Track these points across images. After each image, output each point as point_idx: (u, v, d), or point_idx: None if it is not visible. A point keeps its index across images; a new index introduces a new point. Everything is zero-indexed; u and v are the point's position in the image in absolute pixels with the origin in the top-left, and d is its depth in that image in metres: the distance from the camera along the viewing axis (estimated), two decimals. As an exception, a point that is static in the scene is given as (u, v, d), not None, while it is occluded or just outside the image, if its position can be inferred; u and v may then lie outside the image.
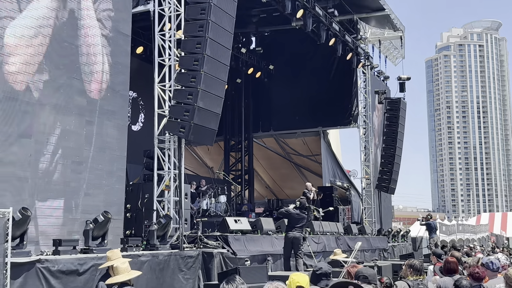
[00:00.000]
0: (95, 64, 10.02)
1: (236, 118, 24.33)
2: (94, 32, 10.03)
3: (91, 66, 9.92)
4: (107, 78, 10.28)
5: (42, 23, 8.87)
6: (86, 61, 9.83)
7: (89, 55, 9.90)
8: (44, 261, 7.45)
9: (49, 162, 8.88)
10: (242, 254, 11.93)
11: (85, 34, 9.85)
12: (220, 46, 11.72)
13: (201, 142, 13.49)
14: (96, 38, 10.06)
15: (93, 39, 10.02)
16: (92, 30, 9.99)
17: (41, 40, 8.82)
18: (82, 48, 9.78)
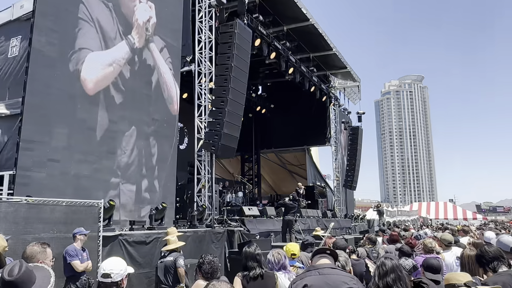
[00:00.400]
0: (171, 94, 10.46)
1: (249, 140, 24.32)
2: (168, 74, 10.41)
3: (170, 97, 10.36)
4: (162, 113, 10.34)
5: (117, 61, 9.03)
6: (168, 95, 10.18)
7: (168, 91, 10.26)
8: (124, 235, 7.54)
9: (127, 169, 8.97)
10: (253, 231, 11.90)
11: (163, 77, 10.21)
12: (238, 92, 11.78)
13: (225, 156, 13.54)
14: (169, 78, 10.44)
15: (169, 78, 10.38)
16: (167, 74, 10.42)
17: (114, 70, 8.91)
18: (163, 86, 10.14)
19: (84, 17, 8.22)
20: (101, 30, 8.60)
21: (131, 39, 9.35)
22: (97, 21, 8.50)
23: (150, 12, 9.99)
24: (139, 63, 9.56)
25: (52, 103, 7.49)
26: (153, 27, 10.04)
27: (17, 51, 12.35)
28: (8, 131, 9.27)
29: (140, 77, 9.60)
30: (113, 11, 8.96)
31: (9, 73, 12.28)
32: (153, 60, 9.96)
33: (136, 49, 9.50)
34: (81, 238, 5.79)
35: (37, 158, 7.08)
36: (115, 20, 9.00)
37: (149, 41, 9.89)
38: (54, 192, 7.11)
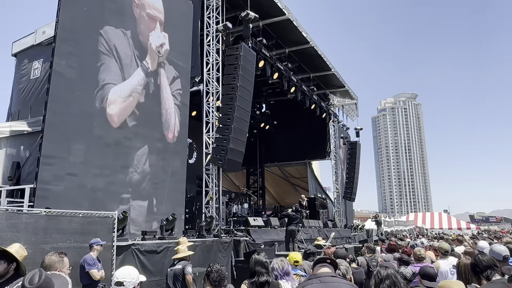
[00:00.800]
0: (170, 122, 10.25)
1: (254, 155, 24.28)
2: (170, 101, 10.27)
3: (168, 123, 10.16)
4: (176, 131, 10.42)
5: (135, 89, 9.15)
6: (165, 120, 10.06)
7: (167, 116, 10.11)
8: (136, 244, 7.51)
9: (138, 186, 8.98)
10: (258, 240, 11.80)
11: (165, 103, 10.09)
12: (243, 110, 11.80)
13: (232, 169, 13.53)
14: (171, 106, 10.29)
15: (170, 106, 10.25)
16: (169, 100, 10.25)
17: (133, 99, 9.05)
18: (163, 111, 10.00)
19: (104, 50, 8.37)
20: (119, 58, 8.72)
21: (145, 64, 9.48)
22: (115, 49, 8.63)
23: (163, 39, 10.15)
24: (153, 86, 9.69)
25: (70, 121, 7.55)
26: (166, 53, 10.17)
27: (39, 73, 12.55)
28: (29, 147, 9.36)
29: (153, 97, 9.68)
30: (130, 38, 9.10)
31: (31, 93, 12.47)
32: (160, 83, 10.01)
33: (150, 72, 9.62)
34: (97, 248, 5.79)
35: (56, 172, 7.12)
36: (132, 47, 9.13)
37: (161, 65, 9.99)
38: (72, 204, 7.12)
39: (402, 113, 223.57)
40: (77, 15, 7.92)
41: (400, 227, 34.30)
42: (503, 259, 3.97)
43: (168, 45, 10.25)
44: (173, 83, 10.32)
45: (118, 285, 2.71)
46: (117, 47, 8.69)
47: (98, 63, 8.21)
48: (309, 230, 16.02)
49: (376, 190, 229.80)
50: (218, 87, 12.09)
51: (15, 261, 3.13)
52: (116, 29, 8.73)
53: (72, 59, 7.73)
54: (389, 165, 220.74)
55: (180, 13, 10.99)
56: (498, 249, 4.11)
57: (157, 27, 9.98)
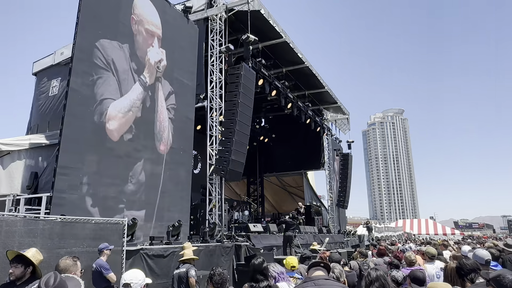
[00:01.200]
0: (163, 134, 9.95)
1: (254, 165, 24.24)
2: (164, 115, 9.98)
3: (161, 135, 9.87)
4: (177, 143, 10.29)
5: (135, 104, 8.87)
6: (158, 131, 9.78)
7: (160, 128, 9.81)
8: (144, 249, 7.46)
9: (148, 192, 8.94)
10: (258, 245, 11.70)
11: (159, 116, 9.76)
12: (244, 124, 11.82)
13: (233, 179, 13.44)
14: (165, 119, 9.98)
15: (164, 119, 9.95)
16: (164, 114, 9.97)
17: (132, 113, 8.78)
18: (156, 123, 9.69)
19: (100, 63, 8.04)
20: (116, 72, 8.42)
21: (143, 78, 9.23)
22: (112, 63, 8.31)
23: (161, 55, 9.96)
24: (149, 99, 9.41)
25: (85, 135, 7.56)
26: (164, 68, 9.98)
27: (57, 90, 12.64)
28: (47, 158, 9.36)
29: (150, 110, 9.41)
30: (128, 53, 8.86)
31: (50, 109, 12.54)
32: (157, 96, 9.74)
33: (148, 86, 9.39)
34: (107, 253, 5.75)
35: (71, 182, 7.10)
36: (128, 61, 8.85)
37: (158, 80, 9.76)
38: (85, 211, 7.10)
39: (390, 127, 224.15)
40: (93, 37, 8.00)
41: (389, 233, 34.09)
42: (486, 263, 3.95)
43: (165, 61, 10.05)
44: (168, 98, 10.13)
45: (125, 287, 2.70)
46: (115, 61, 8.40)
47: (94, 77, 7.87)
48: (305, 235, 15.91)
49: (367, 198, 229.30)
50: (221, 103, 12.14)
51: (31, 264, 3.11)
52: (111, 41, 8.43)
53: (87, 77, 7.77)
54: (379, 175, 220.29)
55: (186, 35, 11.09)
56: (480, 253, 4.09)
57: (155, 42, 9.79)
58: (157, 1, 9.94)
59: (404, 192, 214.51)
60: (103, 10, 8.25)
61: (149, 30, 9.62)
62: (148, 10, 9.65)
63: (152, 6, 9.75)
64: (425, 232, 39.96)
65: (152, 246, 7.85)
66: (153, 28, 9.77)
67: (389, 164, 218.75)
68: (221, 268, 3.49)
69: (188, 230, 10.23)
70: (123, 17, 8.82)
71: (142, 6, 9.45)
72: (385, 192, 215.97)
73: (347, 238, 22.25)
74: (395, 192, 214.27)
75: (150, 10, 9.72)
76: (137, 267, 6.93)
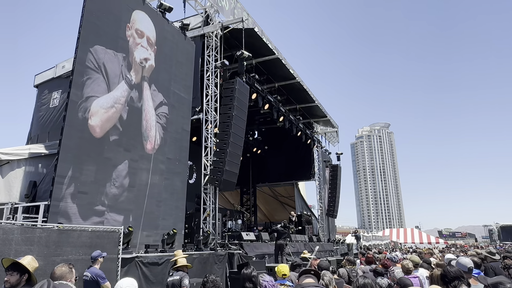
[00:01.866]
0: (150, 133, 9.54)
1: (247, 176, 24.18)
2: (152, 114, 9.50)
3: (147, 133, 9.47)
4: (173, 153, 10.21)
5: (118, 101, 8.41)
6: (145, 130, 9.47)
7: (147, 127, 9.28)
8: (140, 257, 7.33)
9: (144, 201, 8.83)
10: (250, 253, 11.59)
11: (146, 115, 9.24)
12: (238, 136, 11.84)
13: (227, 189, 13.39)
14: (151, 118, 9.47)
15: (151, 118, 9.48)
16: (151, 113, 9.51)
17: (116, 110, 8.33)
18: (143, 121, 9.16)
19: (91, 65, 7.78)
20: (106, 75, 8.12)
21: (129, 76, 8.80)
22: (103, 66, 8.05)
23: (148, 55, 9.54)
24: (136, 98, 9.03)
25: (83, 145, 7.46)
26: (151, 68, 9.57)
27: (57, 102, 12.57)
28: (46, 167, 9.25)
29: (136, 110, 8.98)
30: (121, 59, 8.65)
31: (50, 120, 12.45)
32: (143, 96, 9.28)
33: (134, 84, 8.96)
34: (101, 261, 5.46)
35: (69, 191, 6.98)
36: (121, 66, 8.62)
37: (144, 79, 9.31)
38: (82, 220, 6.97)
39: (377, 140, 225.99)
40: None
41: (377, 241, 33.98)
42: (468, 270, 3.94)
43: (153, 62, 9.68)
44: (160, 107, 9.83)
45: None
46: (106, 64, 8.13)
47: (84, 78, 7.63)
48: (296, 244, 15.80)
49: (355, 208, 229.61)
50: (216, 116, 12.14)
51: (27, 272, 3.03)
52: (106, 49, 8.22)
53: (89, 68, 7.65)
54: (367, 186, 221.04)
55: (184, 51, 11.14)
56: (463, 261, 4.08)
57: (143, 42, 9.44)
58: (156, 18, 10.00)
59: (390, 202, 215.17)
60: (104, 25, 8.26)
61: (139, 30, 9.33)
62: (145, 22, 9.64)
63: (149, 20, 9.76)
64: (411, 241, 39.98)
65: (147, 254, 7.72)
66: (143, 29, 9.46)
67: (376, 175, 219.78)
68: (214, 275, 3.43)
69: (182, 239, 10.08)
70: (122, 32, 8.84)
71: (140, 20, 9.45)
72: (373, 202, 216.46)
73: (337, 246, 22.14)
74: (382, 202, 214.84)
75: (147, 22, 9.71)
76: (132, 274, 6.80)
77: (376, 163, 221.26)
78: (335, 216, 24.46)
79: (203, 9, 12.78)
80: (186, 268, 6.00)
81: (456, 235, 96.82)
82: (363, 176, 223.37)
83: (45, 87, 13.50)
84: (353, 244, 25.35)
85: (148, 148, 9.19)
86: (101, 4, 8.25)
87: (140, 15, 9.48)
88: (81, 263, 5.45)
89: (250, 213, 24.18)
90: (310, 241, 18.40)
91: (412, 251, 13.48)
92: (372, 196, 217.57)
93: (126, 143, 8.51)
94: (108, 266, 5.90)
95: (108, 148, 8.01)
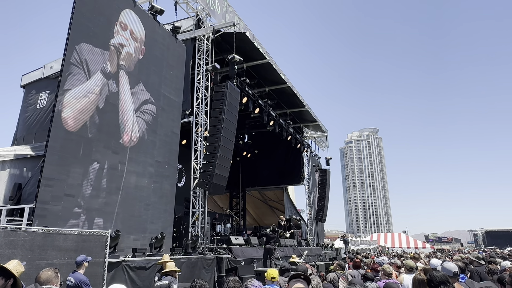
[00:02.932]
0: (126, 124, 9.71)
1: (236, 180, 24.13)
2: (129, 104, 8.91)
3: (124, 125, 9.23)
4: (162, 156, 10.13)
5: (91, 90, 7.88)
6: (121, 121, 8.97)
7: (123, 118, 8.78)
8: (127, 261, 7.21)
9: (132, 205, 8.71)
10: (239, 258, 11.54)
11: (121, 105, 8.68)
12: (228, 140, 11.81)
13: (216, 193, 13.30)
14: (128, 109, 9.01)
15: (128, 109, 8.98)
16: (128, 103, 8.90)
17: (89, 100, 7.81)
18: (119, 112, 9.00)
19: (74, 61, 7.52)
20: (88, 71, 7.82)
21: (104, 66, 8.33)
22: (85, 62, 7.76)
23: (127, 42, 9.10)
24: (113, 88, 8.56)
25: (70, 147, 7.33)
26: (128, 57, 9.13)
27: (45, 103, 12.38)
28: (32, 169, 9.07)
29: (114, 98, 8.55)
30: (106, 56, 8.38)
31: (37, 121, 12.24)
32: (119, 85, 8.78)
33: (109, 73, 8.46)
34: (86, 266, 5.30)
35: (55, 193, 6.85)
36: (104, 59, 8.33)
37: (121, 67, 8.83)
38: (68, 223, 6.84)
39: (366, 145, 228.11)
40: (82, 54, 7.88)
41: (365, 246, 34.23)
42: (453, 274, 4.00)
43: (132, 51, 9.25)
44: (146, 104, 9.57)
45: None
46: (88, 62, 7.82)
47: (66, 73, 7.34)
48: (285, 248, 15.80)
49: (344, 212, 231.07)
50: (206, 119, 12.12)
51: (12, 277, 2.97)
52: (94, 48, 7.98)
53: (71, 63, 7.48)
54: (355, 191, 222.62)
55: (174, 54, 11.10)
56: (448, 266, 4.14)
57: (126, 34, 9.07)
58: (147, 20, 9.95)
59: (378, 207, 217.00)
60: (94, 27, 8.17)
61: (123, 23, 9.03)
62: (133, 21, 9.50)
63: (138, 20, 9.66)
64: (398, 246, 40.35)
65: (134, 258, 7.61)
66: (126, 22, 9.14)
67: (365, 180, 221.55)
68: (202, 280, 3.41)
69: (171, 243, 9.99)
70: (112, 34, 8.76)
71: (129, 19, 9.34)
72: (361, 206, 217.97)
73: (325, 251, 22.21)
74: (371, 207, 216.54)
75: (135, 21, 9.55)
76: (119, 279, 6.71)
77: (365, 168, 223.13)
78: (324, 221, 24.55)
79: (195, 12, 12.79)
80: (175, 273, 5.94)
81: (443, 240, 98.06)
82: (351, 180, 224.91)
83: (32, 87, 13.28)
84: (342, 249, 25.49)
85: (125, 140, 8.67)
86: (91, 5, 8.17)
87: (129, 15, 9.35)
88: (66, 267, 5.35)
89: (239, 217, 24.10)
90: (299, 246, 18.42)
91: (398, 256, 13.60)
92: (361, 201, 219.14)
93: (106, 139, 8.12)
94: (94, 270, 5.80)
95: (89, 146, 7.68)
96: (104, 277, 6.10)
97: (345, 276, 6.41)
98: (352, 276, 6.31)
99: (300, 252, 16.22)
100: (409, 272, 5.84)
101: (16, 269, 3.05)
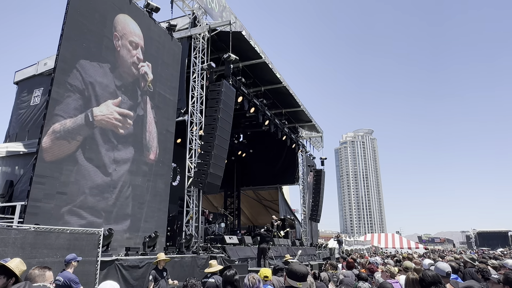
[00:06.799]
0: (152, 145, 9.90)
1: (231, 179, 24.09)
2: (152, 127, 9.92)
3: (149, 146, 9.79)
4: (160, 155, 10.14)
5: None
6: (147, 142, 9.71)
7: (149, 140, 9.75)
8: (119, 260, 7.17)
9: (125, 203, 8.65)
10: (233, 257, 11.53)
11: (149, 128, 9.71)
12: (223, 139, 11.78)
13: (211, 192, 13.26)
14: (153, 130, 9.93)
15: (152, 130, 9.90)
16: (152, 125, 9.89)
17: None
18: (146, 134, 9.64)
19: (77, 84, 7.61)
20: (93, 91, 8.01)
21: (135, 90, 9.08)
22: (90, 84, 7.93)
23: (147, 69, 9.86)
24: (139, 110, 9.35)
25: (64, 144, 7.27)
26: (151, 82, 9.90)
27: (38, 100, 12.25)
28: (24, 167, 8.98)
29: (137, 123, 9.38)
30: (108, 70, 8.51)
31: (30, 118, 12.11)
32: (145, 110, 9.63)
33: (138, 99, 9.26)
34: (75, 265, 5.19)
35: (47, 191, 6.77)
36: (110, 77, 8.52)
37: (146, 93, 9.67)
38: (60, 221, 6.78)
39: (360, 146, 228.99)
40: (77, 50, 7.82)
41: (359, 246, 34.40)
42: (446, 275, 4.02)
43: (151, 75, 9.99)
44: (151, 110, 10.13)
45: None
46: (93, 82, 8.02)
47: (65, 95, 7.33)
48: (278, 248, 15.82)
49: (338, 212, 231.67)
50: (201, 118, 12.08)
51: (14, 276, 2.94)
52: (91, 62, 8.05)
53: (69, 88, 7.54)
54: (349, 191, 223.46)
55: (170, 52, 11.04)
56: (441, 266, 4.16)
57: (140, 54, 9.59)
58: (141, 18, 9.88)
59: (372, 207, 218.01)
60: (88, 24, 8.10)
61: (134, 42, 9.43)
62: (131, 25, 9.53)
63: (134, 23, 9.63)
64: (391, 246, 40.58)
65: (127, 257, 7.55)
66: (137, 40, 9.57)
67: (359, 180, 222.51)
68: (195, 279, 3.40)
69: (164, 241, 9.94)
70: (108, 31, 8.69)
71: (123, 22, 9.31)
72: (355, 207, 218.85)
73: (319, 251, 22.27)
74: (364, 207, 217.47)
75: (132, 25, 9.59)
76: (112, 278, 6.65)
77: (359, 169, 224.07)
78: (318, 221, 24.63)
79: (191, 11, 12.74)
80: (217, 270, 5.93)
81: (435, 241, 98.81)
82: (346, 181, 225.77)
83: (26, 84, 13.14)
84: (335, 249, 25.56)
85: (151, 158, 9.56)
86: (86, 2, 8.11)
87: (123, 19, 9.27)
88: (58, 265, 5.29)
89: (233, 216, 24.09)
90: (293, 245, 18.44)
91: (391, 256, 13.67)
92: (355, 201, 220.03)
93: (130, 149, 8.64)
94: (87, 269, 5.76)
95: (89, 148, 7.83)
96: (96, 275, 6.05)
97: (337, 276, 6.42)
98: (345, 277, 6.32)
99: (294, 252, 16.24)
100: (406, 272, 5.88)
101: (18, 268, 3.02)
